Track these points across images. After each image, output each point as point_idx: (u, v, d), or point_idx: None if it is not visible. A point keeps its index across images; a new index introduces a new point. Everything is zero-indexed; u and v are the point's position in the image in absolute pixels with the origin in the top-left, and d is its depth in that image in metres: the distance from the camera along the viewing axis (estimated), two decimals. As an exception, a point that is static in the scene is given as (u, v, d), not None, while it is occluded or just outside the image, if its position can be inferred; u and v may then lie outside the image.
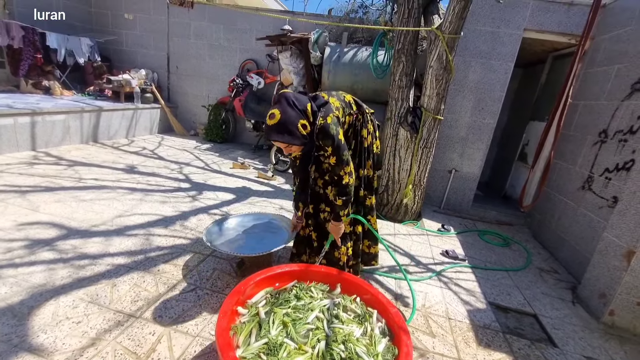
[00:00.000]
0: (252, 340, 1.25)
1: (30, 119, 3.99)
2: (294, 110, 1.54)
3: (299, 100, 1.58)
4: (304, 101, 1.60)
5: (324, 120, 1.60)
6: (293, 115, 1.53)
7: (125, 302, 1.79)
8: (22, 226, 2.39)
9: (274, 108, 1.55)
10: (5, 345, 1.43)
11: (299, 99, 1.60)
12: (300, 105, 1.57)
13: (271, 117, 1.53)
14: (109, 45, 6.58)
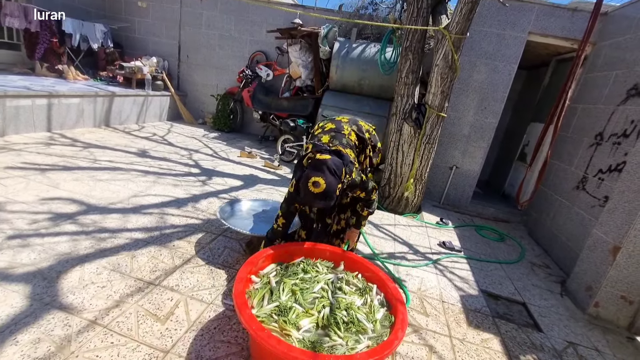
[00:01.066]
0: (265, 303, 1.40)
1: (47, 101, 4.13)
2: (335, 179, 1.61)
3: (337, 166, 1.63)
4: (340, 166, 1.65)
5: (350, 177, 1.74)
6: (335, 183, 1.61)
7: (144, 272, 1.94)
8: (45, 201, 2.54)
9: (317, 176, 1.58)
10: (38, 303, 1.58)
11: (337, 165, 1.64)
12: (339, 171, 1.64)
13: (315, 185, 1.57)
14: (122, 32, 6.69)
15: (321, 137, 1.87)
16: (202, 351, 1.48)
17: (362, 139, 2.00)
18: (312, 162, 1.64)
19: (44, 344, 1.37)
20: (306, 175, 1.62)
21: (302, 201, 1.68)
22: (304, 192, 1.62)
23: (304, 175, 1.64)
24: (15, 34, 5.39)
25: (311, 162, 1.66)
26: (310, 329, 1.31)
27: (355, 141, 1.94)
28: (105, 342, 1.43)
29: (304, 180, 1.62)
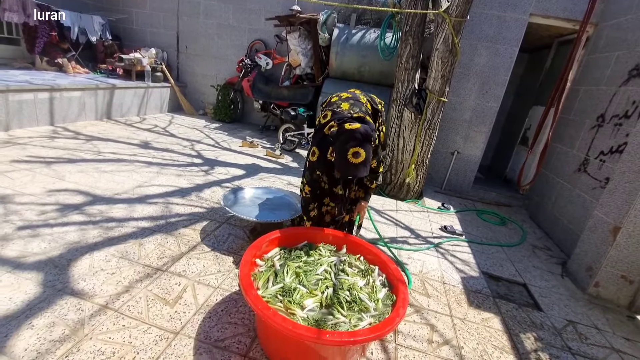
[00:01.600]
0: (270, 285, 1.44)
1: (49, 95, 4.15)
2: (370, 145, 1.63)
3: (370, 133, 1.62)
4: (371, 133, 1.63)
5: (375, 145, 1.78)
6: (370, 150, 1.63)
7: (152, 258, 1.99)
8: (52, 192, 2.58)
9: (355, 147, 1.57)
10: (50, 290, 1.64)
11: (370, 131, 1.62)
12: (372, 138, 1.63)
13: (356, 155, 1.56)
14: (120, 23, 6.64)
15: (340, 104, 1.84)
16: (211, 332, 1.53)
17: (376, 110, 1.99)
18: (345, 133, 1.61)
19: (59, 328, 1.43)
20: (343, 147, 1.59)
21: (342, 173, 1.64)
22: (345, 165, 1.59)
23: (341, 148, 1.60)
24: (14, 28, 5.37)
25: (343, 132, 1.62)
26: (314, 308, 1.36)
27: (370, 111, 1.93)
28: (117, 325, 1.49)
29: (342, 152, 1.59)
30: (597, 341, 1.99)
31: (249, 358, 1.43)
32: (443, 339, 1.75)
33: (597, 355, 1.86)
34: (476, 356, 1.68)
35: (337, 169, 1.65)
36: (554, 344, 1.89)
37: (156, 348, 1.41)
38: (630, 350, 1.97)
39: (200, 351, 1.43)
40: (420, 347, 1.67)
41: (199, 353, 1.42)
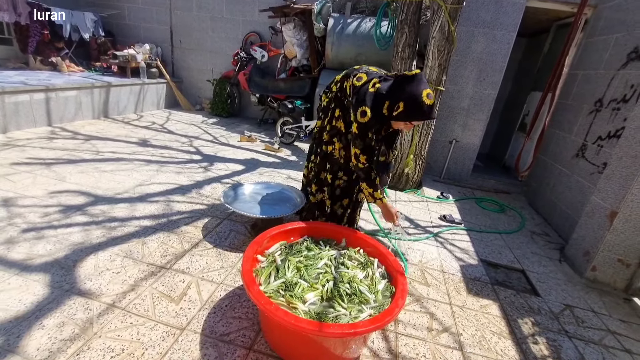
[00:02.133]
0: (272, 280, 1.48)
1: (44, 95, 4.14)
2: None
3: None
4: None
5: None
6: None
7: (155, 257, 2.03)
8: (53, 194, 2.61)
9: (426, 88, 1.63)
10: (58, 291, 1.67)
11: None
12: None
13: (429, 96, 1.63)
14: (112, 19, 6.56)
15: (367, 68, 1.92)
16: (216, 327, 1.58)
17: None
18: (411, 78, 1.65)
19: (68, 327, 1.47)
20: (415, 91, 1.62)
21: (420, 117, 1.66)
22: (421, 107, 1.62)
23: (413, 93, 1.62)
24: (5, 28, 5.32)
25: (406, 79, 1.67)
26: (315, 302, 1.39)
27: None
28: (125, 323, 1.53)
29: (415, 96, 1.62)
30: (594, 324, 2.04)
31: (254, 351, 1.48)
32: (442, 326, 1.80)
33: (593, 338, 1.91)
34: (475, 342, 1.73)
35: (413, 115, 1.66)
36: (551, 328, 1.93)
37: (164, 344, 1.45)
38: (626, 331, 2.02)
39: (206, 345, 1.47)
40: (420, 335, 1.71)
41: (205, 347, 1.46)
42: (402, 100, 1.67)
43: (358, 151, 1.86)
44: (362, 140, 1.83)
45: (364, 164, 1.88)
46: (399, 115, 1.70)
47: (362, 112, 1.76)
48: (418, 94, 1.62)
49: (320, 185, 2.28)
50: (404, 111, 1.67)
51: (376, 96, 1.75)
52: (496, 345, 1.73)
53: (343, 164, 2.15)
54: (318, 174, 2.27)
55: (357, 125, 1.80)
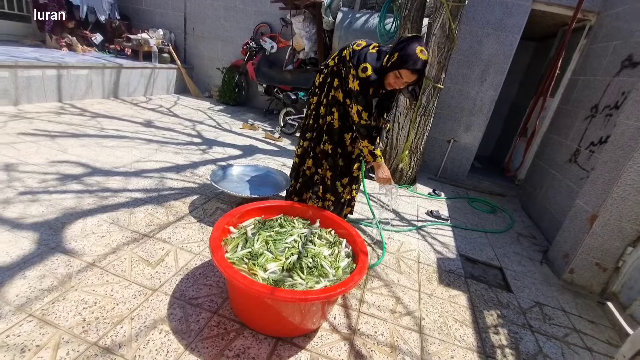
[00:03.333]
0: (239, 249, 1.56)
1: (56, 72, 4.30)
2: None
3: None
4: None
5: None
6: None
7: (140, 225, 2.13)
8: (54, 163, 2.74)
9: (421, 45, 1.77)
10: (44, 248, 1.79)
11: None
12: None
13: (423, 52, 1.76)
14: (129, 3, 6.73)
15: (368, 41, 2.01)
16: (187, 291, 1.67)
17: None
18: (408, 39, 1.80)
19: (48, 279, 1.58)
20: (410, 47, 1.76)
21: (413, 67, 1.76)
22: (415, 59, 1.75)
23: (408, 49, 1.76)
24: (24, 5, 5.53)
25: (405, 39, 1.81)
26: (276, 271, 1.47)
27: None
28: (101, 280, 1.64)
29: (410, 51, 1.75)
30: (561, 322, 2.06)
31: (218, 315, 1.56)
32: (406, 310, 1.86)
33: (556, 334, 1.94)
34: (435, 327, 1.78)
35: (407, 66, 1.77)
36: (516, 321, 1.97)
37: (134, 301, 1.55)
38: (592, 332, 2.03)
39: (174, 306, 1.56)
40: (382, 315, 1.77)
41: (173, 308, 1.55)
42: (397, 51, 1.80)
43: (360, 108, 1.92)
44: (365, 97, 1.90)
45: (366, 121, 1.94)
46: (392, 64, 1.81)
47: (364, 68, 1.85)
48: (413, 47, 1.76)
49: (317, 159, 2.29)
50: (397, 59, 1.79)
51: (377, 54, 1.90)
52: (456, 331, 1.78)
53: (340, 136, 2.19)
54: (314, 149, 2.28)
55: (359, 81, 1.88)
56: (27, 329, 1.32)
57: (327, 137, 2.21)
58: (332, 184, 2.27)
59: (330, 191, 2.29)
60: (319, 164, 2.30)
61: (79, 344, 1.30)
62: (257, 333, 1.50)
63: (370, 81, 1.86)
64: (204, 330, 1.46)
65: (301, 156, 2.39)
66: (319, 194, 2.33)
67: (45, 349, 1.25)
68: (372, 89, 1.89)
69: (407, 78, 1.83)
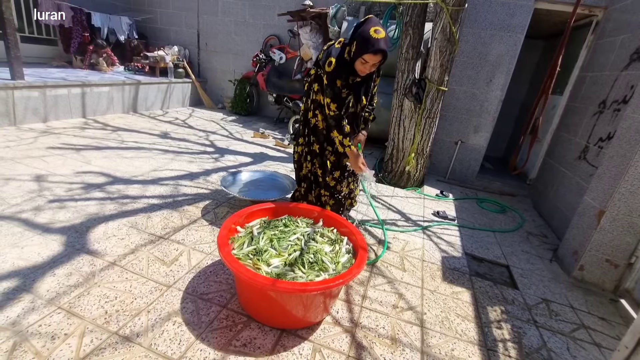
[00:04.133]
0: (245, 246, 1.67)
1: (80, 90, 4.62)
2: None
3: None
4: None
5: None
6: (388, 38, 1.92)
7: (157, 228, 2.28)
8: (79, 174, 2.96)
9: (375, 25, 1.83)
10: (70, 249, 1.96)
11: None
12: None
13: (377, 32, 1.81)
14: (146, 23, 7.12)
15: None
16: (198, 287, 1.79)
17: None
18: (362, 22, 1.88)
19: (75, 277, 1.73)
20: (364, 29, 1.83)
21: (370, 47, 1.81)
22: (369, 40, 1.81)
23: (362, 31, 1.83)
24: (51, 30, 5.95)
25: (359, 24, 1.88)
26: (278, 266, 1.56)
27: None
28: (121, 277, 1.78)
29: (365, 33, 1.82)
30: (568, 318, 2.05)
31: (227, 309, 1.67)
32: (408, 305, 1.91)
33: (563, 329, 1.94)
34: (437, 321, 1.82)
35: (366, 50, 1.83)
36: (520, 317, 1.98)
37: (151, 296, 1.68)
38: (601, 328, 2.02)
39: (187, 301, 1.68)
40: (384, 310, 1.83)
41: (186, 302, 1.67)
42: (354, 40, 1.88)
43: (329, 100, 2.02)
44: (332, 89, 2.00)
45: (334, 112, 2.04)
46: (354, 53, 1.89)
47: (329, 62, 1.97)
48: (367, 30, 1.82)
49: (310, 159, 2.39)
50: (357, 46, 1.87)
51: (341, 47, 2.00)
52: (458, 326, 1.82)
53: (326, 135, 2.29)
54: (308, 148, 2.37)
55: (326, 75, 2.00)
56: (56, 320, 1.46)
57: (314, 138, 2.32)
58: (324, 180, 2.36)
59: (323, 187, 2.38)
60: (312, 164, 2.41)
61: (101, 333, 1.43)
62: (263, 325, 1.59)
63: (336, 73, 1.96)
64: (214, 322, 1.57)
65: (298, 161, 2.48)
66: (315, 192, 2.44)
67: (72, 337, 1.39)
68: (339, 81, 1.99)
69: (373, 60, 1.90)
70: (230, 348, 1.45)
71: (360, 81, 2.14)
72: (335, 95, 2.01)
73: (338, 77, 1.97)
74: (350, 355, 1.51)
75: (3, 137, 3.54)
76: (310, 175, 2.44)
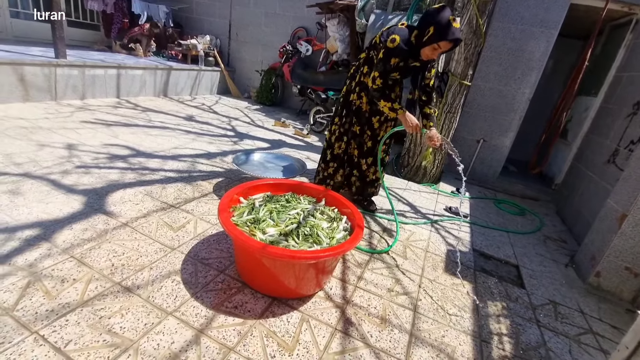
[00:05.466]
0: (245, 215, 1.72)
1: (116, 72, 4.90)
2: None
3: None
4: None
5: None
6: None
7: (169, 198, 2.40)
8: (106, 146, 3.16)
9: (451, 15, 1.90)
10: (89, 209, 2.10)
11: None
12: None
13: (455, 20, 1.90)
14: (182, 12, 7.41)
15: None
16: (200, 252, 1.87)
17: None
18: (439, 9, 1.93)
19: (89, 232, 1.86)
20: (442, 15, 1.89)
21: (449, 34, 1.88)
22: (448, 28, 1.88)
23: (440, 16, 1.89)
24: (95, 15, 6.34)
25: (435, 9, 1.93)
26: (274, 235, 1.61)
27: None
28: (131, 237, 1.89)
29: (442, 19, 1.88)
30: (575, 322, 1.95)
31: (224, 274, 1.73)
32: (404, 290, 1.89)
33: (567, 332, 1.85)
34: (431, 309, 1.79)
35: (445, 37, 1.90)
36: (522, 315, 1.91)
37: (155, 255, 1.78)
38: (611, 335, 1.90)
39: (187, 263, 1.77)
40: (378, 292, 1.83)
41: (186, 264, 1.76)
42: (432, 24, 1.93)
43: (377, 74, 2.11)
44: (384, 65, 2.08)
45: (378, 86, 2.13)
46: (430, 38, 1.95)
47: (392, 39, 2.03)
48: (446, 17, 1.88)
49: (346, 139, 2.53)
50: (434, 32, 1.92)
51: (407, 29, 2.07)
52: (453, 315, 1.78)
53: (368, 118, 2.44)
54: (347, 130, 2.51)
55: (384, 50, 2.06)
56: (68, 266, 1.58)
57: (356, 119, 2.46)
58: (358, 161, 2.54)
59: (356, 167, 2.55)
60: (348, 144, 2.53)
61: (105, 282, 1.53)
62: (256, 292, 1.65)
63: (397, 51, 2.02)
64: (210, 284, 1.64)
65: (329, 141, 2.62)
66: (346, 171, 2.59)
67: (79, 282, 1.50)
68: (394, 60, 2.05)
69: (446, 47, 1.98)
70: (221, 308, 1.51)
71: (419, 66, 2.20)
72: (385, 71, 2.10)
73: (396, 56, 2.04)
74: (338, 329, 1.53)
75: (44, 110, 3.84)
76: (344, 155, 2.58)
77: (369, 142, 2.50)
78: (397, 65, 2.09)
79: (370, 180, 2.66)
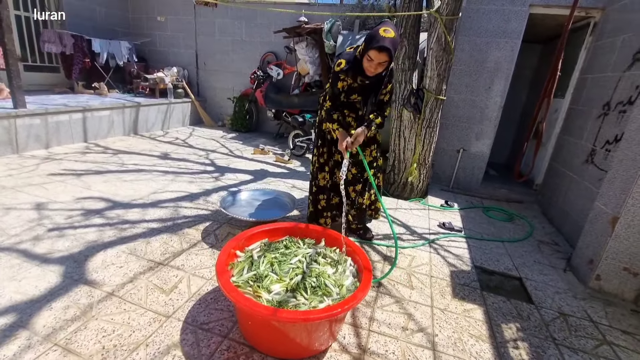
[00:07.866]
0: (245, 272, 1.60)
1: (82, 115, 4.65)
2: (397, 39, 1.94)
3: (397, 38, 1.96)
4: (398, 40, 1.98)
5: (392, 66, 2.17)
6: (397, 41, 1.93)
7: (156, 254, 2.23)
8: (79, 200, 2.93)
9: (387, 26, 1.89)
10: (68, 280, 1.91)
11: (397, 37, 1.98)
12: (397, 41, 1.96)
13: (387, 32, 1.87)
14: (145, 46, 7.24)
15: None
16: (198, 316, 1.72)
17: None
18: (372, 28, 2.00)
19: (72, 310, 1.67)
20: (375, 30, 1.91)
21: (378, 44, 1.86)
22: (378, 38, 1.87)
23: (373, 32, 1.92)
24: (54, 57, 6.06)
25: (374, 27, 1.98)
26: (280, 292, 1.50)
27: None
28: (119, 309, 1.72)
29: (375, 33, 1.90)
30: (589, 333, 1.95)
31: (229, 339, 1.59)
32: (418, 326, 1.82)
33: (584, 347, 1.83)
34: (450, 343, 1.73)
35: (371, 45, 1.90)
36: (537, 334, 1.88)
37: (149, 328, 1.61)
38: (625, 343, 1.91)
39: (186, 332, 1.61)
40: (393, 333, 1.75)
41: (185, 333, 1.60)
42: (367, 38, 1.98)
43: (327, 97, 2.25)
44: (332, 88, 2.21)
45: (326, 109, 2.26)
46: (362, 51, 2.01)
47: (338, 63, 2.14)
48: (377, 29, 1.91)
49: (328, 169, 2.50)
50: (364, 44, 1.99)
51: (353, 50, 2.15)
52: (472, 347, 1.72)
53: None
54: (327, 160, 2.49)
55: (332, 74, 2.15)
56: (52, 358, 1.40)
57: (335, 148, 2.45)
58: (346, 190, 2.47)
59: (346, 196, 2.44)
60: (331, 174, 2.50)
61: (96, 372, 1.36)
62: (266, 356, 1.52)
63: (342, 73, 2.10)
64: (215, 355, 1.50)
65: (312, 172, 2.60)
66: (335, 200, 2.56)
67: (65, 378, 1.32)
68: (341, 84, 2.14)
69: (378, 58, 1.94)
70: (232, 383, 1.37)
71: (369, 84, 2.20)
72: (334, 95, 2.20)
73: (342, 79, 2.13)
74: (360, 385, 1.43)
75: (5, 166, 3.55)
76: (329, 185, 2.54)
77: (353, 169, 2.47)
78: (350, 86, 2.19)
79: (364, 207, 2.61)
